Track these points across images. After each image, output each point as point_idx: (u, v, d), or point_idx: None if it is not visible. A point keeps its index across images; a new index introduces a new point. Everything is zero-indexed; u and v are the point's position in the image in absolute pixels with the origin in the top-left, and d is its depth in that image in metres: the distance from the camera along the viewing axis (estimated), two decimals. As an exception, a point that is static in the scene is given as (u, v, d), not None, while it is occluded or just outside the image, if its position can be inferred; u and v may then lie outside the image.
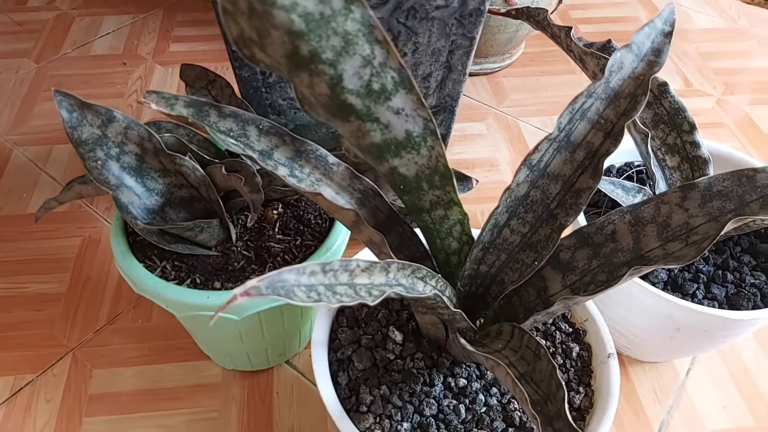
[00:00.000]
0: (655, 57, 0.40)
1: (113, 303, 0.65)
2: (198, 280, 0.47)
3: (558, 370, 0.32)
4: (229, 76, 0.97)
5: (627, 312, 0.54)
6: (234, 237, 0.50)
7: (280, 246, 0.49)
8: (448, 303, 0.39)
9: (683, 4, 1.18)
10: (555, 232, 0.40)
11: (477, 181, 0.47)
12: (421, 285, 0.38)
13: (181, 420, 0.56)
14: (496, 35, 0.89)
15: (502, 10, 0.58)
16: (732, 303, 0.50)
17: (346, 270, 0.32)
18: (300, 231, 0.51)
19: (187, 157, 0.47)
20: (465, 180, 0.47)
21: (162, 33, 1.07)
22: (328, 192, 0.42)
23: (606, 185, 0.50)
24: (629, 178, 0.61)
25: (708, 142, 0.61)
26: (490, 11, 0.58)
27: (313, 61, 0.27)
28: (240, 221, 0.52)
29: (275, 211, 0.52)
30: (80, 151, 0.46)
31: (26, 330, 0.63)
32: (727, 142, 0.88)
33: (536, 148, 0.39)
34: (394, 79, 0.30)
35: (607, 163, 0.63)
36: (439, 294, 0.36)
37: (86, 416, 0.56)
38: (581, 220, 0.54)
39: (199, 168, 0.47)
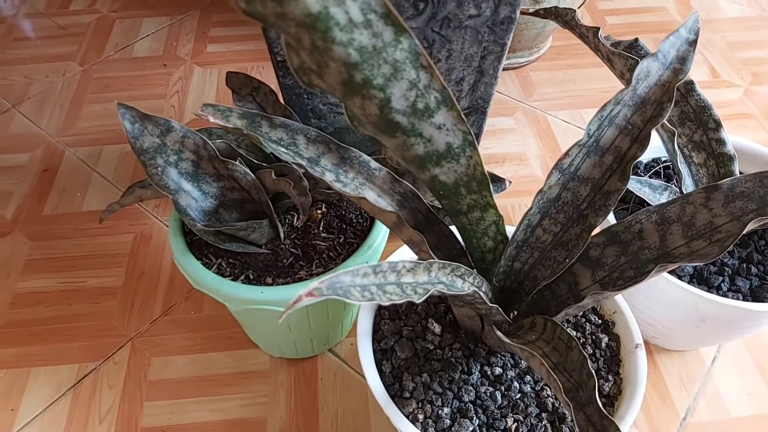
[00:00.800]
0: (681, 65, 0.42)
1: (166, 295, 0.70)
2: (251, 276, 0.51)
3: (588, 361, 0.35)
4: (266, 75, 1.01)
5: (654, 304, 0.56)
6: (282, 235, 0.54)
7: (325, 244, 0.53)
8: (485, 298, 0.42)
9: (712, -8, 1.18)
10: (585, 231, 0.43)
11: (510, 182, 0.50)
12: (460, 282, 0.41)
13: (233, 404, 0.60)
14: (524, 31, 0.91)
15: (531, 10, 0.60)
16: (756, 295, 0.53)
17: (393, 270, 0.35)
18: (343, 229, 0.54)
19: (237, 162, 0.51)
20: (498, 181, 0.50)
21: (199, 34, 1.11)
22: (371, 195, 0.45)
23: (633, 184, 0.52)
24: (656, 174, 0.63)
25: (734, 137, 0.62)
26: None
27: (366, 86, 0.30)
28: (287, 221, 0.55)
29: (319, 211, 0.55)
30: (142, 158, 0.50)
31: (87, 321, 0.68)
32: (755, 134, 0.89)
33: (567, 153, 0.42)
34: (437, 99, 0.33)
35: (653, 155, 0.65)
36: (477, 290, 0.39)
37: (147, 400, 0.61)
38: (610, 218, 0.57)
39: (250, 172, 0.51)
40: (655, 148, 0.65)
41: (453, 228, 0.52)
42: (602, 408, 0.33)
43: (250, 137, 0.45)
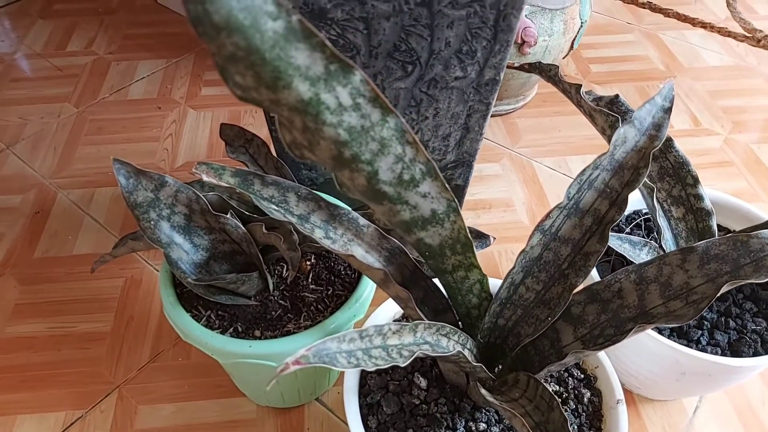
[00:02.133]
0: (656, 131, 0.44)
1: (155, 341, 0.70)
2: (240, 329, 0.51)
3: (568, 423, 0.36)
4: (259, 119, 1.03)
5: (636, 356, 0.58)
6: (271, 287, 0.55)
7: (314, 296, 0.54)
8: (470, 357, 0.43)
9: (693, 42, 1.22)
10: (566, 290, 0.44)
11: (494, 238, 0.51)
12: (445, 341, 0.42)
13: (219, 454, 0.60)
14: (510, 81, 0.94)
15: (516, 64, 0.62)
16: (734, 349, 0.54)
17: (379, 334, 0.36)
18: (331, 281, 0.55)
19: (229, 215, 0.52)
20: (483, 238, 0.51)
21: (193, 77, 1.13)
22: (359, 252, 0.46)
23: (614, 240, 0.54)
24: (637, 226, 0.65)
25: (712, 191, 0.64)
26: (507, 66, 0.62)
27: (354, 161, 0.32)
28: (277, 272, 0.56)
29: (308, 263, 0.56)
30: (135, 212, 0.51)
31: (75, 368, 0.68)
32: (735, 181, 0.91)
33: (548, 215, 0.44)
34: (421, 170, 0.34)
35: (632, 208, 0.67)
36: (462, 351, 0.40)
37: (132, 450, 0.61)
38: (593, 273, 0.58)
39: (241, 226, 0.52)
40: (636, 200, 0.66)
41: (438, 282, 0.53)
42: (582, 472, 0.34)
43: (242, 195, 0.47)
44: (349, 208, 0.47)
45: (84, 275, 0.77)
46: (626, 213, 0.67)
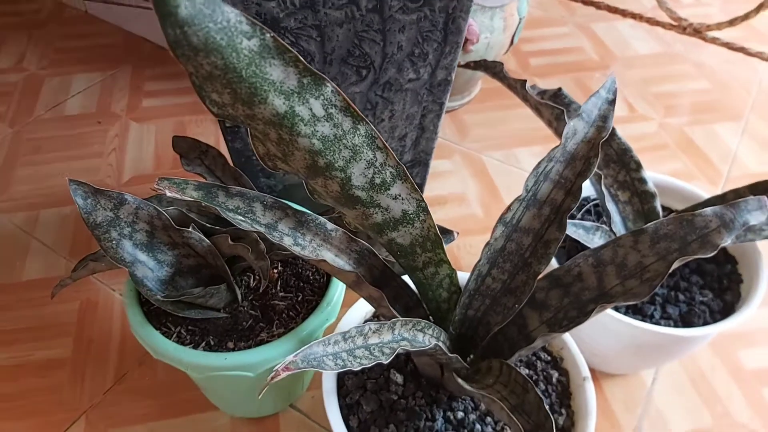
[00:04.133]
0: (603, 122, 0.47)
1: (119, 362, 0.68)
2: (212, 342, 0.51)
3: (544, 402, 0.38)
4: (206, 129, 1.02)
5: (596, 335, 0.61)
6: (240, 298, 0.54)
7: (284, 303, 0.54)
8: (445, 349, 0.45)
9: (623, 32, 1.28)
10: (530, 278, 0.46)
11: (458, 233, 0.53)
12: (421, 336, 0.43)
13: (196, 470, 0.60)
14: (456, 78, 0.96)
15: (462, 63, 0.64)
16: (685, 320, 0.58)
17: (361, 334, 0.37)
18: (300, 287, 0.55)
19: (191, 230, 0.51)
20: (447, 233, 0.53)
21: (133, 89, 1.10)
22: (329, 256, 0.47)
23: (569, 228, 0.56)
24: (588, 212, 0.68)
25: (653, 174, 0.68)
26: None
27: (328, 169, 0.33)
28: (244, 282, 0.56)
29: (276, 270, 0.57)
30: (96, 233, 0.49)
31: (35, 397, 0.66)
32: (671, 163, 0.97)
33: (509, 207, 0.45)
34: (392, 173, 0.35)
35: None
36: (438, 344, 0.41)
37: (105, 476, 0.60)
38: (553, 261, 0.61)
39: (206, 239, 0.52)
40: (586, 188, 0.70)
41: (406, 278, 0.54)
42: (562, 448, 0.36)
43: (207, 209, 0.46)
44: (316, 214, 0.47)
45: (36, 301, 0.74)
46: (593, 198, 0.70)
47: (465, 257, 0.81)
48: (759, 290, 0.57)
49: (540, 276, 0.48)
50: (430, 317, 0.50)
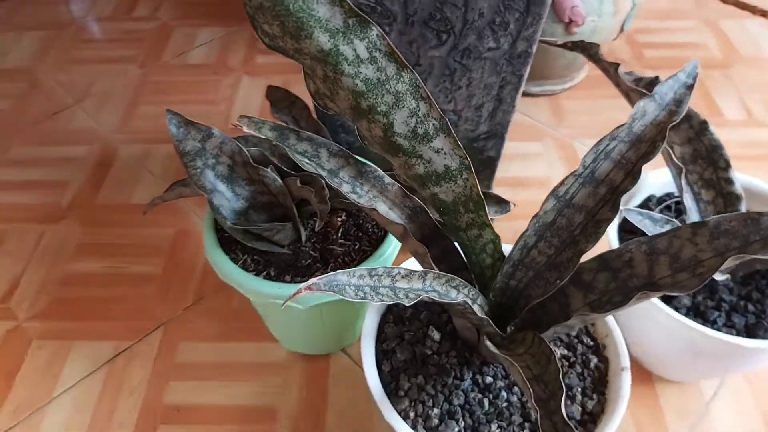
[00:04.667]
0: (676, 107, 0.45)
1: (199, 286, 0.76)
2: (272, 273, 0.56)
3: (561, 374, 0.38)
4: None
5: (654, 334, 0.59)
6: (304, 238, 0.58)
7: (342, 249, 0.57)
8: (478, 310, 0.46)
9: (753, 30, 1.18)
10: (576, 256, 0.46)
11: (514, 204, 0.53)
12: (454, 293, 0.45)
13: (248, 392, 0.65)
14: (556, 61, 0.94)
15: (559, 42, 0.63)
16: (751, 332, 0.54)
17: (389, 275, 0.39)
18: (359, 237, 0.58)
19: (269, 169, 0.56)
20: (503, 203, 0.54)
21: (249, 45, 1.18)
22: (383, 207, 0.49)
23: (634, 216, 0.55)
24: (668, 208, 0.65)
25: (747, 177, 0.64)
26: (547, 42, 0.63)
27: (371, 112, 0.35)
28: (310, 225, 0.60)
29: (339, 219, 0.60)
30: (184, 160, 0.55)
31: (125, 304, 0.74)
32: (783, 175, 0.89)
33: (563, 182, 0.45)
34: (435, 126, 0.37)
35: (647, 193, 0.67)
36: (468, 302, 0.42)
37: (172, 380, 0.67)
38: (614, 242, 0.59)
39: (279, 179, 0.56)
40: (670, 182, 0.67)
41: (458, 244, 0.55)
42: (566, 417, 0.36)
43: (278, 148, 0.50)
44: (377, 167, 0.50)
45: (140, 222, 0.84)
46: (658, 195, 0.67)
47: (536, 240, 0.80)
48: (843, 312, 0.52)
49: (589, 256, 0.47)
50: (474, 283, 0.51)
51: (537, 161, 0.92)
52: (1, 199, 0.88)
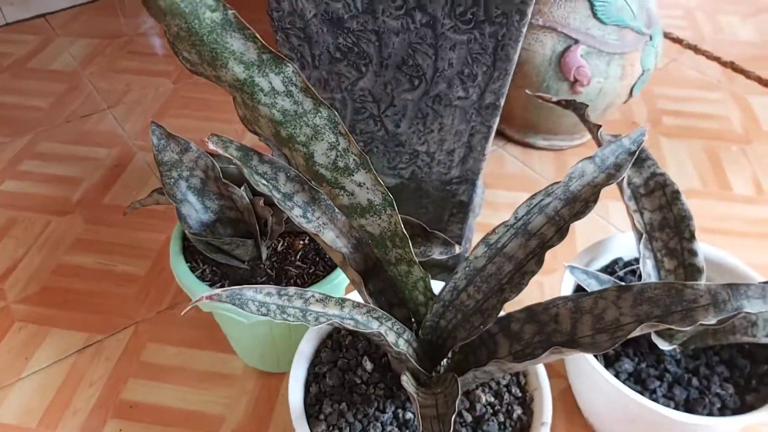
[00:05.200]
0: (616, 171, 0.46)
1: (177, 293, 0.79)
2: (225, 285, 0.58)
3: (452, 417, 0.39)
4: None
5: (595, 395, 0.58)
6: (264, 256, 0.61)
7: (296, 271, 0.60)
8: (403, 345, 0.47)
9: (783, 108, 1.16)
10: (500, 303, 0.46)
11: (460, 247, 0.55)
12: (376, 324, 0.46)
13: (201, 399, 0.67)
14: (562, 118, 0.95)
15: (554, 99, 0.65)
16: (690, 407, 0.53)
17: (301, 298, 0.41)
18: (316, 262, 0.61)
19: (241, 188, 0.59)
20: (449, 245, 0.55)
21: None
22: (330, 235, 0.51)
23: (579, 274, 0.55)
24: (633, 272, 0.65)
25: (714, 249, 0.63)
26: (541, 98, 0.65)
27: (291, 141, 0.37)
28: (272, 244, 0.63)
29: (301, 242, 0.62)
30: (160, 169, 0.59)
31: (106, 299, 0.78)
32: (782, 257, 0.87)
33: (494, 230, 0.46)
34: (355, 161, 0.39)
35: (616, 255, 0.67)
36: (383, 333, 0.44)
37: (132, 377, 0.70)
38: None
39: (246, 197, 0.59)
40: (633, 248, 0.66)
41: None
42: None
43: (239, 168, 0.53)
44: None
45: (137, 225, 0.88)
46: (626, 258, 0.67)
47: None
48: (787, 401, 0.51)
49: (519, 307, 0.48)
50: (412, 319, 0.52)
51: (531, 213, 0.92)
52: (21, 188, 0.95)
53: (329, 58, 0.57)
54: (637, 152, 0.47)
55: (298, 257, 0.61)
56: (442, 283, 0.51)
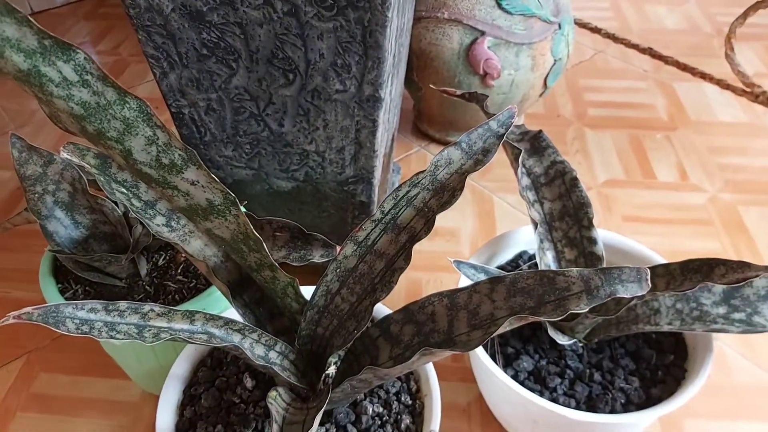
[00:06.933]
0: (483, 156, 0.43)
1: (73, 317, 0.74)
2: (98, 306, 0.54)
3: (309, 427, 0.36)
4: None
5: (499, 397, 0.55)
6: (143, 272, 0.57)
7: (176, 286, 0.55)
8: (275, 357, 0.43)
9: (709, 95, 1.16)
10: (371, 304, 0.43)
11: (340, 248, 0.51)
12: (238, 337, 0.42)
13: (94, 428, 0.63)
14: (479, 113, 0.93)
15: (458, 93, 0.62)
16: (591, 404, 0.50)
17: (136, 312, 0.37)
18: (197, 275, 0.57)
19: (104, 198, 0.55)
20: (330, 247, 0.51)
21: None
22: (197, 244, 0.47)
23: (467, 269, 0.52)
24: (535, 266, 0.62)
25: (610, 234, 0.61)
26: (446, 92, 0.63)
27: (101, 137, 0.34)
28: (154, 259, 0.58)
29: (183, 256, 0.58)
30: (24, 184, 0.55)
31: (2, 329, 0.73)
32: (707, 242, 0.85)
33: (361, 226, 0.43)
34: (182, 157, 0.35)
35: (519, 249, 0.65)
36: (237, 345, 0.40)
37: (20, 411, 0.64)
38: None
39: (117, 209, 0.55)
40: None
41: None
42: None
43: (95, 176, 0.49)
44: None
45: (34, 248, 0.83)
46: (531, 252, 0.65)
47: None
48: (687, 392, 0.49)
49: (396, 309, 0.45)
50: (295, 331, 0.49)
51: (449, 212, 0.90)
52: None
53: (197, 56, 0.54)
54: (538, 139, 0.44)
55: (179, 271, 0.57)
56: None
